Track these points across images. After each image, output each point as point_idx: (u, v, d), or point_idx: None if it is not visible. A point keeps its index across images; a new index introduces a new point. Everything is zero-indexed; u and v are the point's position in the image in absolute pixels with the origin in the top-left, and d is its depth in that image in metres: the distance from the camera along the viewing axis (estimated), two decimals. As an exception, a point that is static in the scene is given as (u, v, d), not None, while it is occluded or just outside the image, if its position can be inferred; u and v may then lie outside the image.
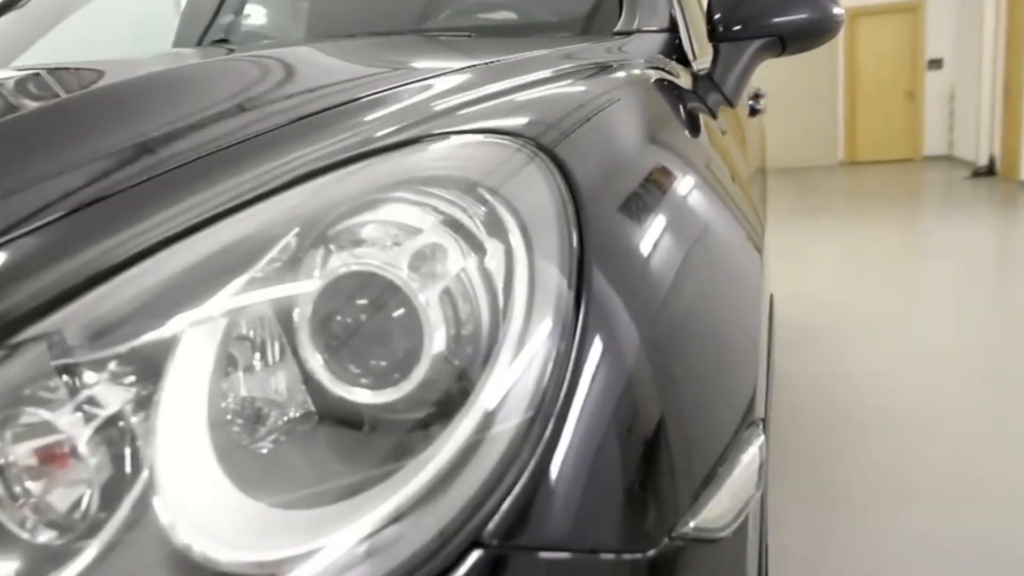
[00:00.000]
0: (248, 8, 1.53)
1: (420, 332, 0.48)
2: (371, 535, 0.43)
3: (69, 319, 0.47)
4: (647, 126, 0.84)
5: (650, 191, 0.70)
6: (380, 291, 0.49)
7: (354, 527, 0.43)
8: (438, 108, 0.71)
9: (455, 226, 0.52)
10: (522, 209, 0.54)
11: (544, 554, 0.46)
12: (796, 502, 2.21)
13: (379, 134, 0.64)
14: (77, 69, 0.92)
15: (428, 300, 0.48)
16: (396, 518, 0.44)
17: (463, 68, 0.89)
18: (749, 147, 1.99)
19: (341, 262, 0.49)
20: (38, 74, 0.90)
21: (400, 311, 0.48)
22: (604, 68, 0.96)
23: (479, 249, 0.51)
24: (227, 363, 0.47)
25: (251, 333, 0.48)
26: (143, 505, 0.43)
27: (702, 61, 1.39)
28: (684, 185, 0.78)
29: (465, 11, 1.42)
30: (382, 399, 0.48)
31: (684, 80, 1.16)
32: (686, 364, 0.59)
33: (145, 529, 0.43)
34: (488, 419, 0.47)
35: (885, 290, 4.55)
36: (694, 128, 1.01)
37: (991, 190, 8.19)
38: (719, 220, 0.82)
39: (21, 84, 0.87)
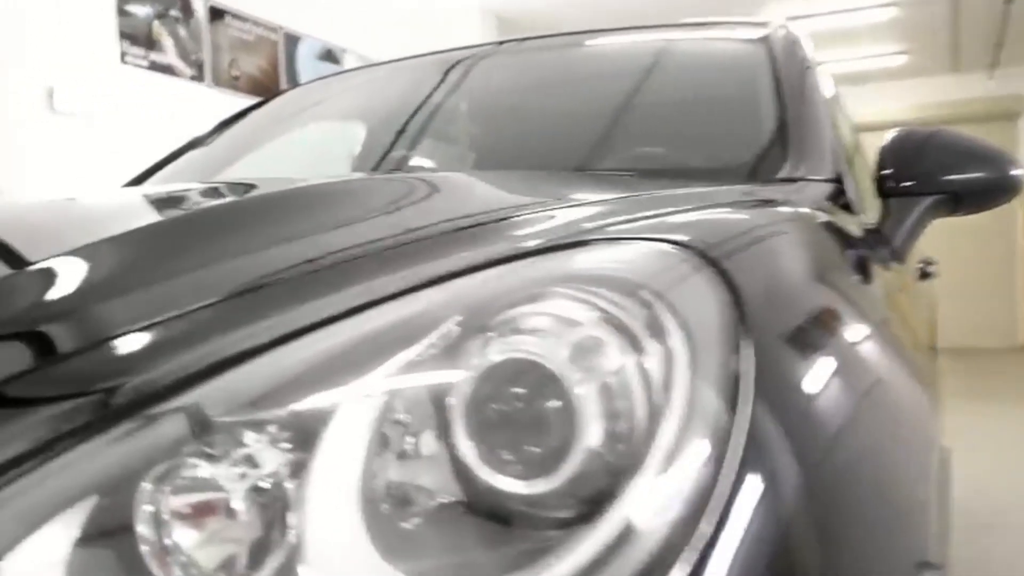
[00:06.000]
0: (423, 143, 1.64)
1: (574, 425, 0.47)
2: None
3: (226, 386, 0.49)
4: (816, 263, 0.82)
5: (817, 329, 0.68)
6: (537, 381, 0.48)
7: None
8: (593, 224, 0.73)
9: (616, 324, 0.51)
10: (686, 316, 0.53)
11: None
12: None
13: (533, 242, 0.66)
14: (239, 183, 1.04)
15: (585, 393, 0.47)
16: None
17: (621, 197, 0.91)
18: (918, 310, 1.90)
19: (500, 349, 0.49)
20: (213, 186, 1.04)
21: (556, 402, 0.48)
22: (768, 202, 0.95)
23: (639, 349, 0.50)
24: (381, 441, 0.48)
25: (406, 414, 0.49)
26: (287, 570, 0.44)
27: (868, 216, 1.37)
28: (853, 330, 0.75)
29: (626, 155, 1.46)
30: (531, 490, 0.46)
31: (852, 230, 1.14)
32: (849, 514, 0.56)
33: None
34: (629, 531, 0.45)
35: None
36: (864, 274, 0.98)
37: None
38: (889, 369, 0.78)
39: (201, 192, 1.01)
